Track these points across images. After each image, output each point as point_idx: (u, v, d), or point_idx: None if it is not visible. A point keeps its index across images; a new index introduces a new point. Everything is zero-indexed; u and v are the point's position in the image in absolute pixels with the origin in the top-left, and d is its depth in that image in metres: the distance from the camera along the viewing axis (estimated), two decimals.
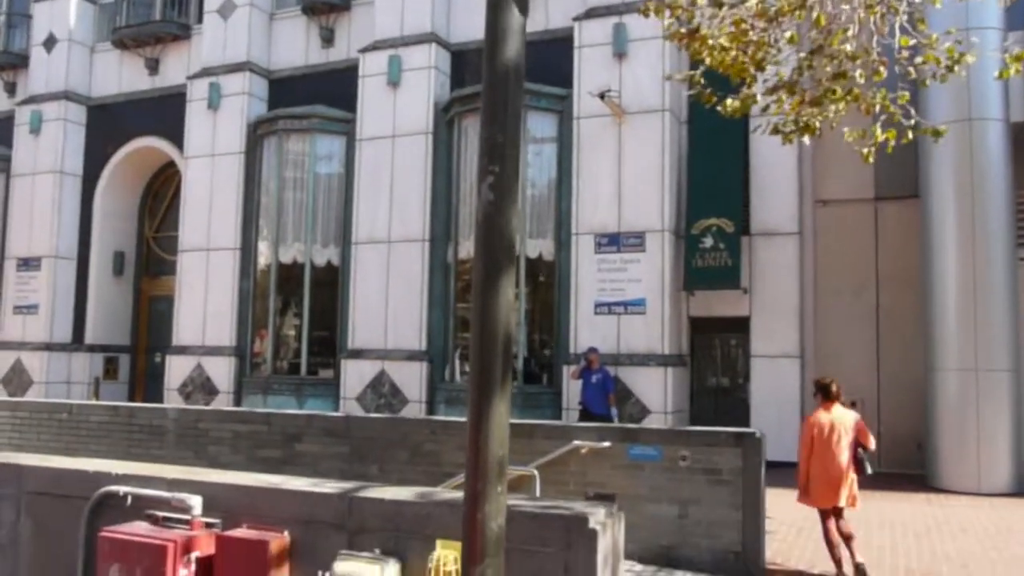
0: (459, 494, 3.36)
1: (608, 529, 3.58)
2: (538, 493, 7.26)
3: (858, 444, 7.25)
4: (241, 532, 4.01)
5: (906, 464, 12.61)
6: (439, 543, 3.61)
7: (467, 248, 13.86)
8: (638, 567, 7.17)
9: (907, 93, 5.73)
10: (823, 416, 7.29)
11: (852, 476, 7.17)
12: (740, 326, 13.33)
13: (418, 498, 3.84)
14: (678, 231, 13.14)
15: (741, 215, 13.05)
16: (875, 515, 9.66)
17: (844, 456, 7.14)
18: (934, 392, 11.70)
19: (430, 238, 14.42)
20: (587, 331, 12.94)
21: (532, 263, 13.84)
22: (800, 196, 13.24)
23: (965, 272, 11.46)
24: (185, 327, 16.28)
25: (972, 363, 11.29)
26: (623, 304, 12.84)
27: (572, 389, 12.69)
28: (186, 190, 16.72)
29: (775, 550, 7.76)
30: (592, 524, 3.44)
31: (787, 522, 8.82)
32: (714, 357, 13.92)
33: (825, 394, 7.38)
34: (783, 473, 8.93)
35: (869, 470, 7.25)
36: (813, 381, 7.82)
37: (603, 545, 3.48)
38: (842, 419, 7.28)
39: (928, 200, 12.04)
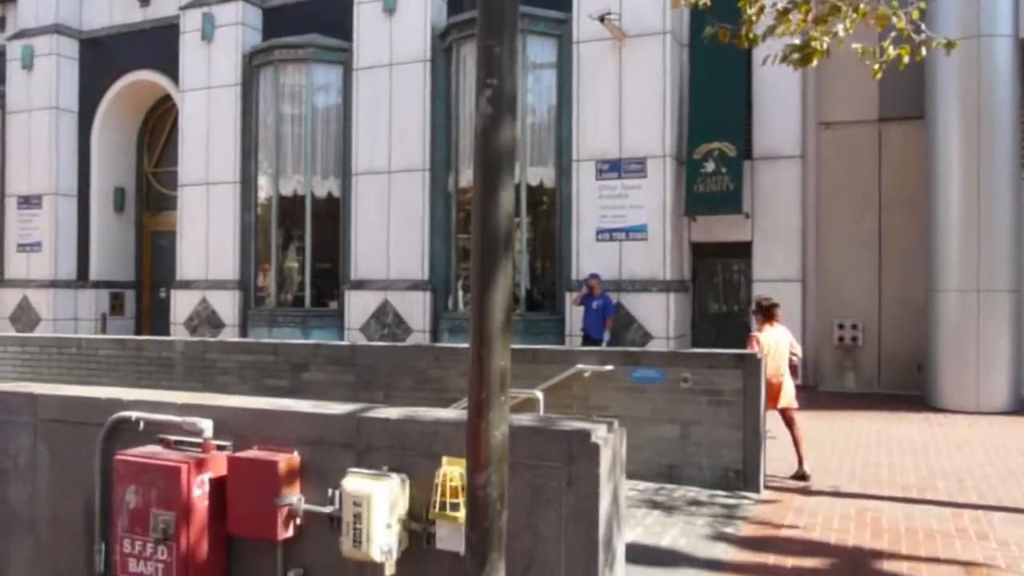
0: (463, 413, 3.43)
1: (610, 443, 3.65)
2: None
3: (791, 354, 8.14)
4: (252, 453, 4.10)
5: (906, 385, 12.79)
6: (444, 460, 3.69)
7: (468, 177, 13.77)
8: (641, 485, 7.34)
9: (924, 2, 5.62)
10: (768, 333, 8.04)
11: (790, 382, 8.04)
12: (742, 251, 13.34)
13: (424, 417, 3.92)
14: (679, 156, 13.04)
15: (743, 139, 12.93)
16: (873, 434, 9.84)
17: (784, 367, 7.98)
18: (935, 313, 11.77)
19: (430, 167, 14.33)
20: (589, 258, 12.96)
21: (533, 191, 13.78)
22: (803, 118, 13.09)
23: (969, 192, 11.40)
24: (188, 262, 16.33)
25: (974, 284, 11.34)
26: (625, 230, 12.83)
27: (575, 316, 12.78)
28: (183, 124, 16.57)
29: (774, 468, 7.94)
30: (594, 438, 3.51)
31: (787, 442, 8.96)
32: (716, 282, 13.97)
33: (768, 315, 8.14)
34: None
35: (799, 376, 8.36)
36: (756, 301, 8.63)
37: (605, 458, 3.55)
38: (782, 335, 8.10)
39: (933, 120, 11.91)
